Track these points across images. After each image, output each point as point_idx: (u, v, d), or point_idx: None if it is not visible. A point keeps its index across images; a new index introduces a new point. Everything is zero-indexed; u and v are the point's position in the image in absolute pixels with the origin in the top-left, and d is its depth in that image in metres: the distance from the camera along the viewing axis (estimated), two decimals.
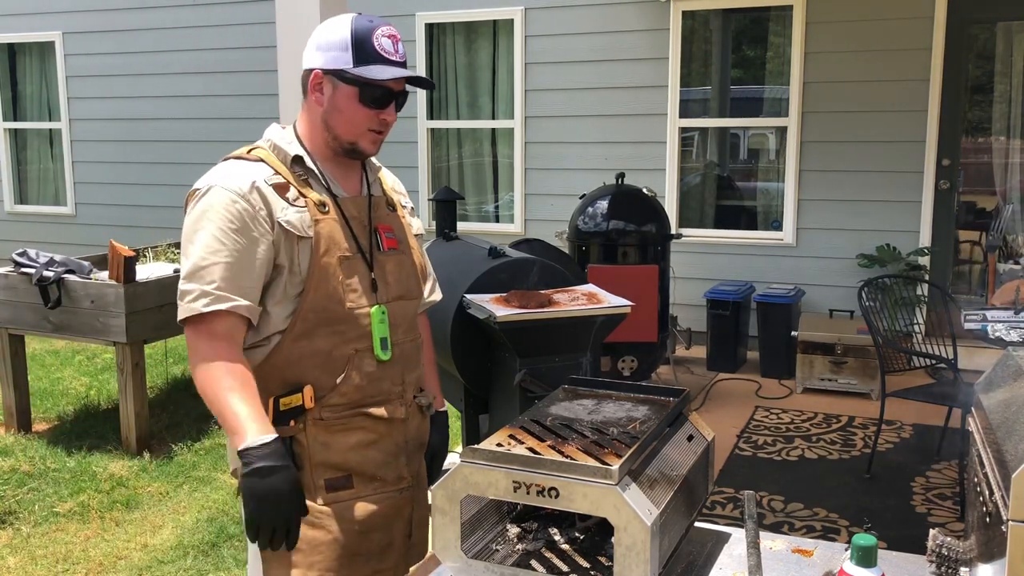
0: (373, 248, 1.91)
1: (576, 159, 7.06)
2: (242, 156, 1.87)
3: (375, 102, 1.84)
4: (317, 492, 1.83)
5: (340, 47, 1.82)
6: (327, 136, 1.87)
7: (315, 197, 1.84)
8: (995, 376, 1.62)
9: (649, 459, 1.54)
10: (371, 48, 1.82)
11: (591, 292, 3.24)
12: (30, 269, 4.85)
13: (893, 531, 3.77)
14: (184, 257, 1.79)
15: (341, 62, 1.82)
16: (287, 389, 1.82)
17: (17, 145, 9.41)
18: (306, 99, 1.89)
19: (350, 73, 1.82)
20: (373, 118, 1.85)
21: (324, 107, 1.85)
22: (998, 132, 6.35)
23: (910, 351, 4.80)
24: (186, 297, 1.75)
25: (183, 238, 1.81)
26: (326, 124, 1.86)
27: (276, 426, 1.78)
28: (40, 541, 3.82)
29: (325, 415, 1.83)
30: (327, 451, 1.84)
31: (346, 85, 1.83)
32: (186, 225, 1.80)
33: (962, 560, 1.51)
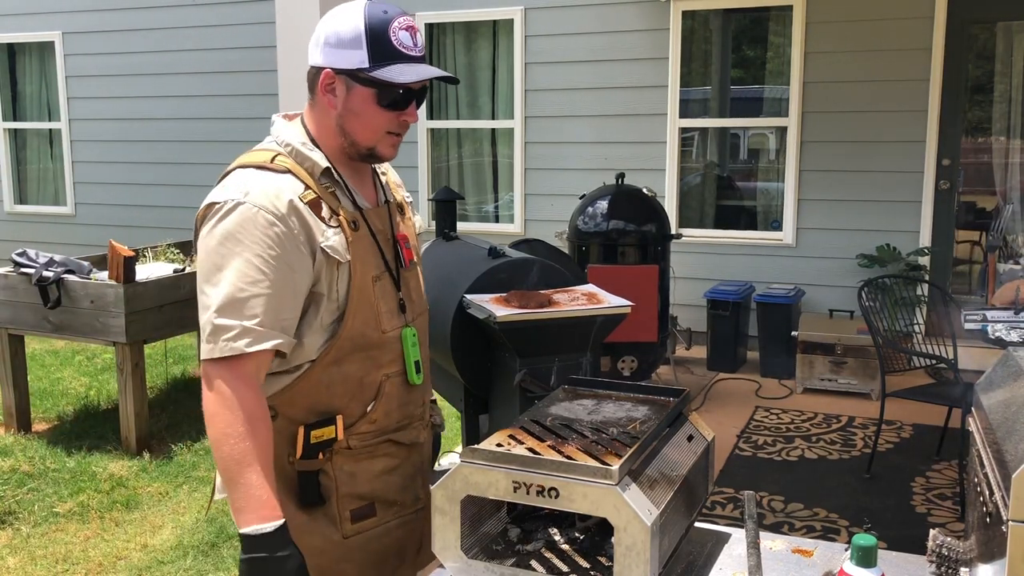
0: (397, 264, 1.78)
1: (576, 159, 7.06)
2: (265, 165, 1.65)
3: (395, 104, 1.67)
4: (342, 524, 1.72)
5: (353, 43, 1.63)
6: (343, 141, 1.70)
7: (347, 214, 1.68)
8: (995, 376, 1.62)
9: (649, 459, 1.54)
10: (388, 44, 1.63)
11: (591, 292, 3.24)
12: (30, 269, 4.85)
13: (893, 531, 3.78)
14: (209, 284, 1.58)
15: (356, 61, 1.63)
16: (315, 417, 1.68)
17: (17, 145, 9.41)
18: (314, 98, 1.71)
19: (367, 75, 1.63)
20: (393, 120, 1.68)
21: (338, 110, 1.67)
22: (998, 132, 6.35)
23: (910, 351, 4.80)
24: (224, 334, 1.54)
25: (205, 261, 1.59)
26: (341, 129, 1.69)
27: (304, 460, 1.67)
28: (40, 541, 3.82)
29: (353, 444, 1.71)
30: (353, 481, 1.73)
31: (362, 87, 1.65)
32: (209, 246, 1.58)
33: (962, 560, 1.51)
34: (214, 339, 1.55)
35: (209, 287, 1.57)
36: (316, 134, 1.72)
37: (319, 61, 1.68)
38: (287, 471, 1.68)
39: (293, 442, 1.67)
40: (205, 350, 1.56)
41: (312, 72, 1.70)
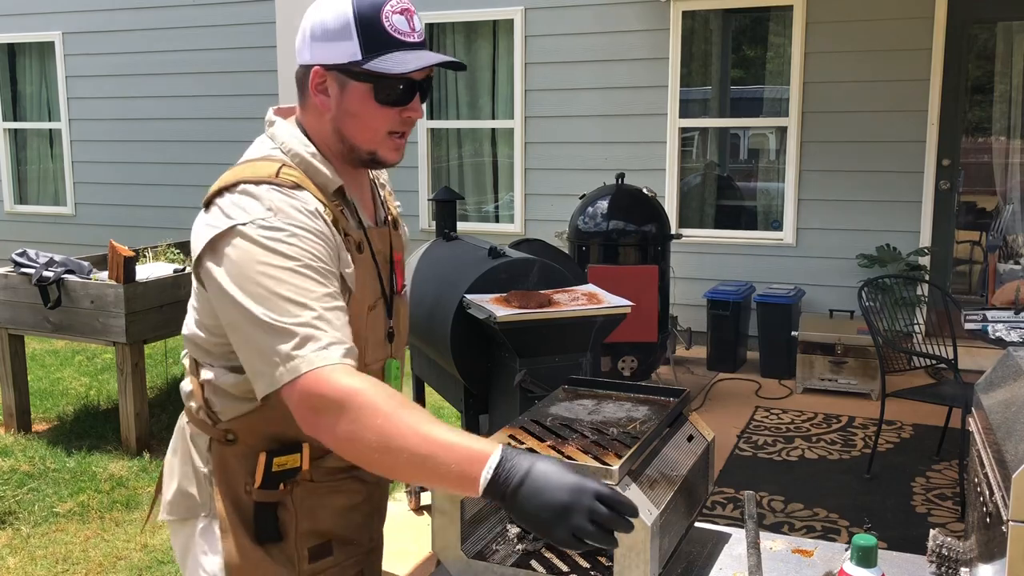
0: (391, 291, 1.62)
1: (576, 159, 7.06)
2: (271, 181, 1.43)
3: (396, 99, 1.48)
4: (299, 562, 1.55)
5: (342, 34, 1.44)
6: (342, 147, 1.51)
7: (355, 236, 1.52)
8: (995, 376, 1.61)
9: (649, 459, 1.54)
10: (382, 30, 1.44)
11: (591, 292, 3.24)
12: (30, 269, 4.85)
13: (893, 531, 3.77)
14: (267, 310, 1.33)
15: (347, 54, 1.44)
16: (279, 445, 1.51)
17: (17, 145, 9.41)
18: (305, 100, 1.52)
19: (361, 68, 1.44)
20: (394, 118, 1.49)
21: (333, 112, 1.49)
22: (998, 132, 6.35)
23: (910, 351, 4.80)
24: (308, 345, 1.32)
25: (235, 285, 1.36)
26: (339, 133, 1.50)
27: (263, 489, 1.51)
28: (40, 541, 3.82)
29: (317, 477, 1.55)
30: (313, 517, 1.56)
31: (357, 82, 1.46)
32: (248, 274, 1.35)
33: (962, 560, 1.51)
34: (293, 356, 1.31)
35: (267, 313, 1.33)
36: (314, 139, 1.53)
37: (306, 58, 1.49)
38: (243, 501, 1.52)
39: (252, 469, 1.51)
40: (285, 371, 1.31)
41: (300, 72, 1.52)
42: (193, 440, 1.58)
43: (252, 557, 1.52)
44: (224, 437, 1.53)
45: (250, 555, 1.52)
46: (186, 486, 1.58)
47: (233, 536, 1.52)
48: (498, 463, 1.21)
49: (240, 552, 1.52)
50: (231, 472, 1.53)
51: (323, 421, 1.30)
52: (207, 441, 1.55)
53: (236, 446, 1.52)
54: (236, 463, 1.53)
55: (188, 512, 1.59)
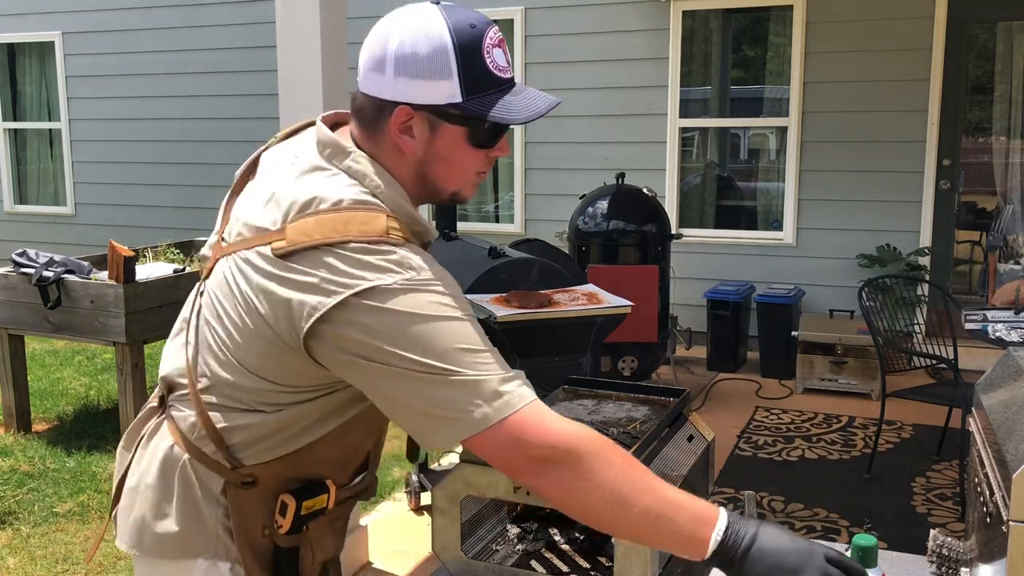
0: None
1: (576, 159, 7.06)
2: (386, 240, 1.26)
3: (490, 140, 1.35)
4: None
5: (440, 72, 1.27)
6: (422, 190, 1.37)
7: None
8: (995, 376, 1.61)
9: (649, 459, 1.54)
10: (483, 68, 1.29)
11: (591, 292, 3.24)
12: (30, 269, 4.84)
13: (893, 531, 3.77)
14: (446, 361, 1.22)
15: (444, 95, 1.28)
16: (302, 484, 1.42)
17: (17, 145, 9.41)
18: (379, 136, 1.33)
19: (460, 111, 1.29)
20: (482, 158, 1.36)
21: (419, 155, 1.33)
22: (998, 132, 6.35)
23: (910, 351, 4.80)
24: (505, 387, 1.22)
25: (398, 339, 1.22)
26: (422, 176, 1.35)
27: (291, 535, 1.41)
28: (40, 541, 3.82)
29: (330, 511, 1.48)
30: (323, 548, 1.50)
31: (451, 125, 1.31)
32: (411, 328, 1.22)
33: (962, 560, 1.51)
34: (501, 393, 1.21)
35: (448, 363, 1.22)
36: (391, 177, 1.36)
37: (387, 92, 1.30)
38: (261, 543, 1.41)
39: (271, 511, 1.40)
40: (492, 410, 1.21)
41: (372, 104, 1.32)
42: (198, 478, 1.41)
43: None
44: (242, 481, 1.39)
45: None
46: (183, 527, 1.42)
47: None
48: (727, 526, 1.17)
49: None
50: (247, 516, 1.41)
51: (547, 471, 1.21)
52: (220, 483, 1.40)
53: (255, 489, 1.40)
54: (253, 507, 1.41)
55: (183, 552, 1.44)
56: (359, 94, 1.34)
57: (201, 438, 1.39)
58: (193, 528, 1.42)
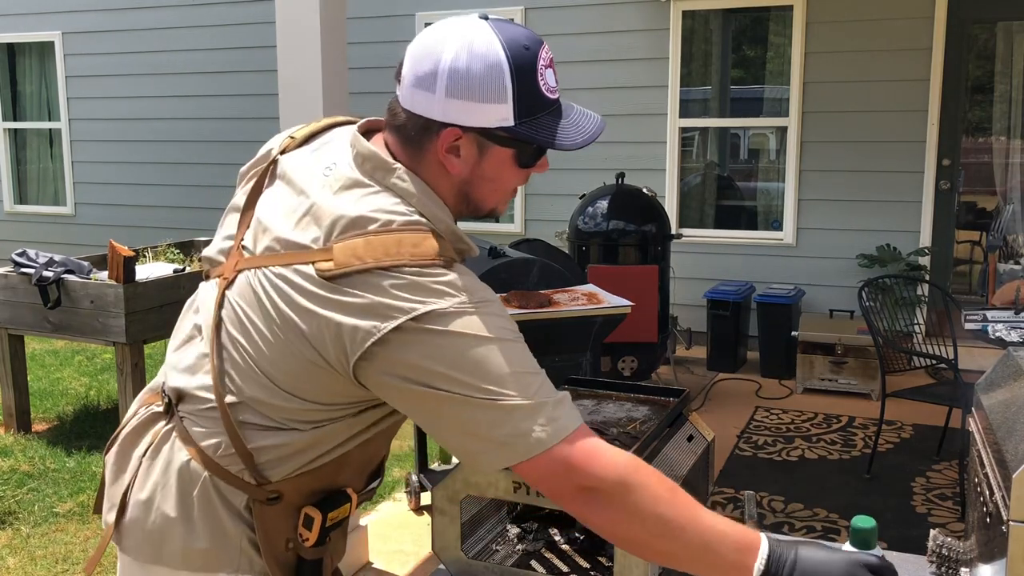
0: None
1: (576, 159, 7.04)
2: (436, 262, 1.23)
3: (534, 159, 1.33)
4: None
5: (496, 95, 1.24)
6: (463, 207, 1.35)
7: None
8: (995, 376, 1.61)
9: (649, 459, 1.54)
10: (536, 92, 1.27)
11: (591, 292, 3.24)
12: (29, 269, 4.84)
13: (893, 531, 3.77)
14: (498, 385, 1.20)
15: (496, 118, 1.25)
16: (322, 496, 1.40)
17: (17, 145, 9.41)
18: (422, 155, 1.30)
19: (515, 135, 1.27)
20: (523, 176, 1.35)
21: (465, 175, 1.30)
22: (998, 132, 6.35)
23: (910, 351, 4.80)
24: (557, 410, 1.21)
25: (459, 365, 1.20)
26: (465, 196, 1.33)
27: (316, 548, 1.40)
28: (40, 541, 3.82)
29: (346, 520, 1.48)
30: (338, 553, 1.51)
31: (500, 147, 1.28)
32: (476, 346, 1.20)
33: (962, 560, 1.51)
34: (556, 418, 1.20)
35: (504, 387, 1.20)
36: None
37: (436, 112, 1.26)
38: (285, 557, 1.40)
39: (295, 525, 1.39)
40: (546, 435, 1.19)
41: (417, 122, 1.28)
42: (222, 495, 1.37)
43: None
44: (267, 497, 1.36)
45: None
46: (208, 544, 1.38)
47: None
48: (768, 554, 1.17)
49: None
50: (271, 531, 1.38)
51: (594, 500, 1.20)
52: (244, 499, 1.37)
53: (279, 504, 1.38)
54: (278, 521, 1.39)
55: (208, 568, 1.40)
56: (401, 110, 1.29)
57: (227, 456, 1.35)
58: (217, 543, 1.38)
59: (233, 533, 1.38)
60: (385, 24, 7.49)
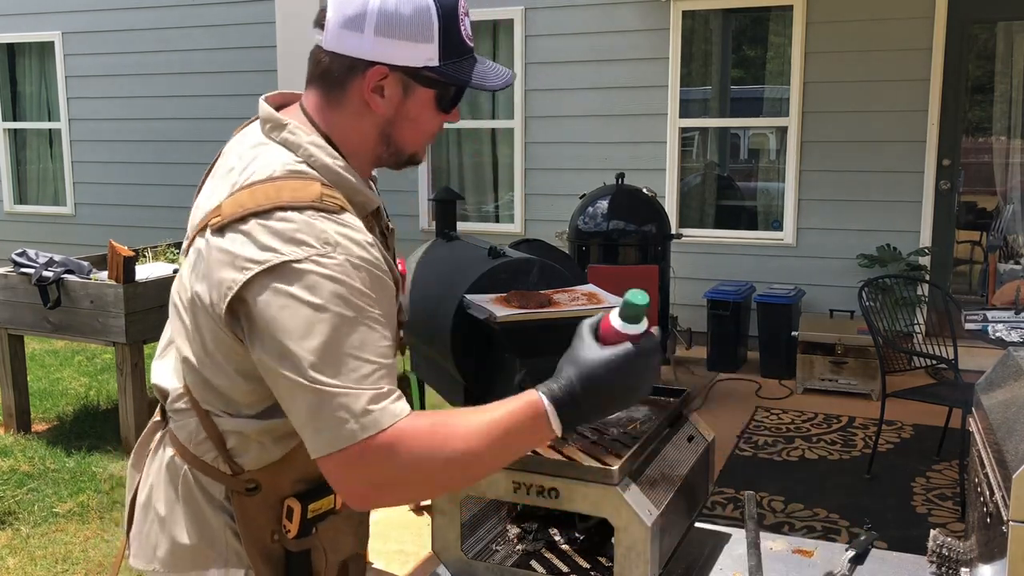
0: (398, 283, 1.43)
1: (576, 159, 7.06)
2: (317, 204, 1.23)
3: (452, 105, 1.37)
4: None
5: (423, 34, 1.27)
6: (382, 150, 1.38)
7: (388, 251, 1.41)
8: (995, 376, 1.61)
9: (649, 460, 1.54)
10: (458, 35, 1.30)
11: (591, 292, 3.24)
12: (29, 269, 4.84)
13: (893, 531, 3.77)
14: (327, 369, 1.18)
15: (424, 57, 1.29)
16: (304, 486, 1.38)
17: (16, 145, 9.41)
18: (342, 96, 1.32)
19: (436, 74, 1.31)
20: (441, 122, 1.39)
21: (388, 115, 1.33)
22: (998, 132, 6.35)
23: (910, 351, 4.80)
24: (388, 399, 1.19)
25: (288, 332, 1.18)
26: (386, 136, 1.36)
27: (299, 539, 1.37)
28: (40, 542, 3.82)
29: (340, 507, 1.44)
30: (337, 547, 1.46)
31: (424, 87, 1.32)
32: (307, 314, 1.18)
33: (962, 560, 1.51)
34: (369, 411, 1.18)
35: (325, 375, 1.18)
36: (339, 141, 1.34)
37: (361, 51, 1.28)
38: (272, 549, 1.38)
39: (278, 515, 1.37)
40: (359, 427, 1.17)
41: (342, 64, 1.30)
42: (202, 487, 1.39)
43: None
44: (245, 487, 1.36)
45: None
46: (193, 539, 1.40)
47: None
48: (552, 399, 1.21)
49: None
50: (254, 523, 1.38)
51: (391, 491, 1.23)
52: (223, 490, 1.38)
53: (258, 495, 1.37)
54: (260, 513, 1.38)
55: (195, 565, 1.41)
56: (325, 55, 1.31)
57: (200, 444, 1.36)
58: (202, 538, 1.39)
59: (216, 525, 1.38)
60: None
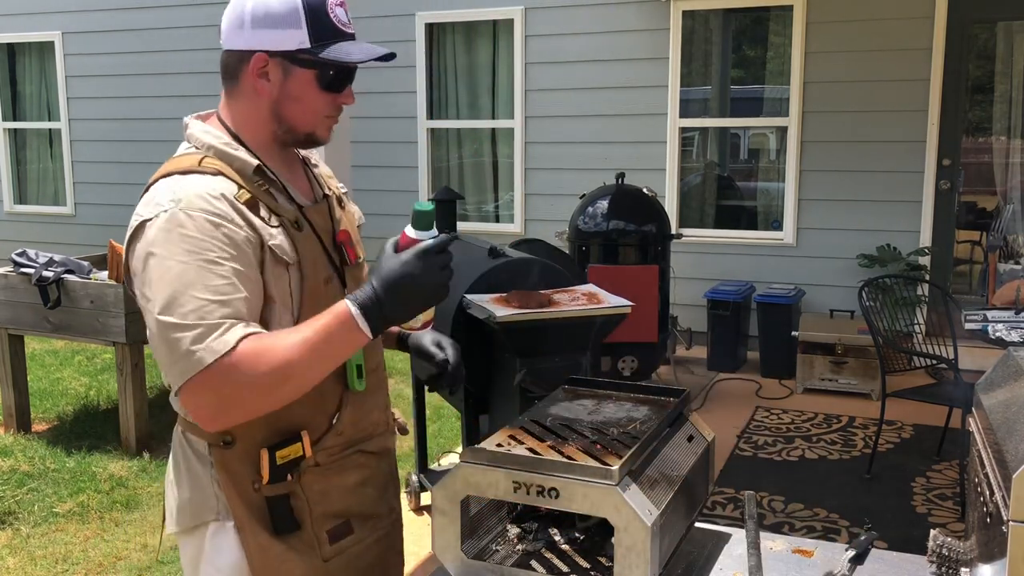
0: (343, 263, 1.64)
1: (576, 159, 7.06)
2: (192, 169, 1.51)
3: (336, 85, 1.56)
4: (321, 547, 1.59)
5: (290, 22, 1.51)
6: (276, 128, 1.58)
7: (288, 214, 1.55)
8: (995, 376, 1.61)
9: (649, 459, 1.54)
10: (328, 21, 1.52)
11: (591, 292, 3.24)
12: (29, 269, 4.84)
13: (893, 531, 3.77)
14: (168, 311, 1.38)
15: (295, 42, 1.51)
16: (279, 438, 1.53)
17: (17, 145, 9.41)
18: (237, 86, 1.59)
19: (308, 55, 1.51)
20: (331, 103, 1.57)
21: (274, 96, 1.55)
22: (998, 132, 6.35)
23: (910, 351, 4.80)
24: (212, 335, 1.36)
25: (144, 283, 1.43)
26: (277, 116, 1.56)
27: (271, 484, 1.53)
28: (40, 541, 3.82)
29: (321, 460, 1.59)
30: (327, 500, 1.60)
31: (302, 69, 1.53)
32: (153, 265, 1.41)
33: (962, 560, 1.51)
34: (194, 351, 1.36)
35: (172, 315, 1.38)
36: (239, 127, 1.59)
37: (244, 43, 1.55)
38: (254, 499, 1.54)
39: (257, 467, 1.53)
40: (187, 367, 1.37)
41: (233, 57, 1.58)
42: (191, 445, 1.59)
43: (273, 552, 1.55)
44: (221, 440, 1.53)
45: (271, 551, 1.55)
46: (190, 493, 1.58)
47: (251, 535, 1.54)
48: (358, 305, 1.41)
49: (260, 551, 1.54)
50: (235, 474, 1.54)
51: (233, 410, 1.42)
52: (206, 445, 1.56)
53: (235, 447, 1.53)
54: (239, 465, 1.54)
55: (196, 518, 1.59)
56: (223, 54, 1.60)
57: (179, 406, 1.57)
58: (195, 491, 1.57)
59: (203, 477, 1.57)
60: (385, 24, 7.49)
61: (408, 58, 7.49)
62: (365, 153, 7.14)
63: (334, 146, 1.99)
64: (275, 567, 1.55)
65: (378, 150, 7.54)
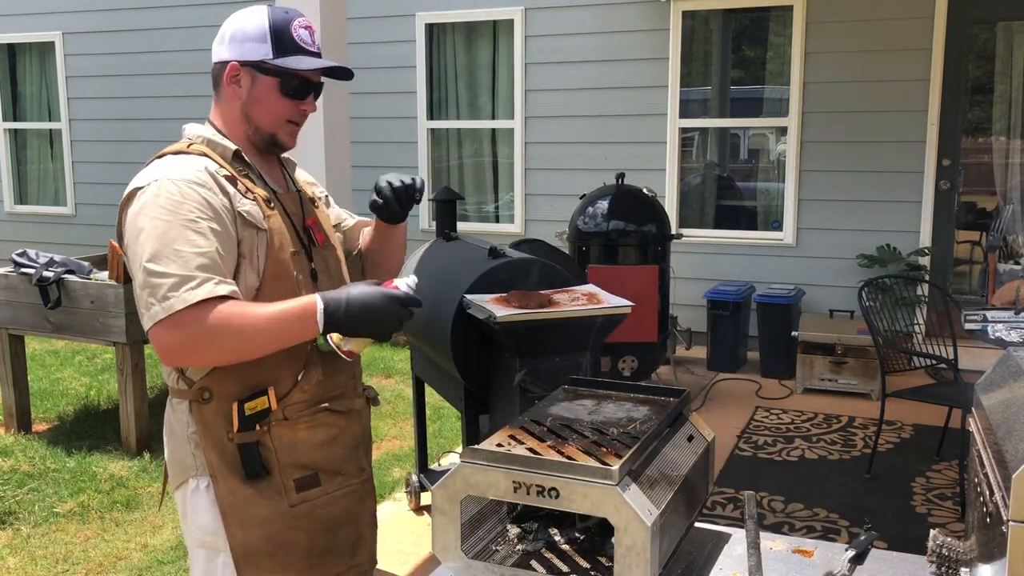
0: (309, 244, 1.90)
1: (576, 159, 7.06)
2: (180, 151, 1.82)
3: (295, 93, 1.84)
4: (287, 493, 1.81)
5: (258, 38, 1.82)
6: (247, 128, 1.87)
7: (261, 192, 1.82)
8: (995, 376, 1.61)
9: (649, 459, 1.54)
10: (290, 39, 1.83)
11: (591, 292, 3.24)
12: (30, 269, 4.85)
13: (893, 531, 3.77)
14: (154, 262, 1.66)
15: (260, 53, 1.82)
16: (248, 392, 1.78)
17: (17, 145, 9.41)
18: (219, 92, 1.88)
19: (270, 64, 1.81)
20: (293, 109, 1.86)
21: (243, 99, 1.84)
22: (998, 132, 6.35)
23: (910, 351, 4.80)
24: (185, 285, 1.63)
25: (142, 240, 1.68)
26: (246, 116, 1.85)
27: (241, 432, 1.77)
28: (40, 541, 3.82)
29: (288, 414, 1.81)
30: (294, 451, 1.82)
31: (266, 76, 1.83)
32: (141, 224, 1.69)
33: (962, 560, 1.51)
34: (172, 293, 1.63)
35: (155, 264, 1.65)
36: (223, 126, 1.88)
37: (224, 56, 1.85)
38: (228, 447, 1.78)
39: (230, 419, 1.77)
40: (159, 310, 1.63)
41: (217, 68, 1.87)
42: (175, 408, 1.84)
43: (242, 495, 1.78)
44: (200, 396, 1.78)
45: (239, 494, 1.78)
46: (175, 451, 1.85)
47: (223, 481, 1.77)
48: (324, 303, 1.68)
49: (231, 493, 1.77)
50: (212, 426, 1.78)
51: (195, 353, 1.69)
52: (187, 405, 1.80)
53: (212, 403, 1.78)
54: (215, 418, 1.78)
55: (182, 475, 1.84)
56: (212, 65, 1.88)
57: (169, 373, 1.83)
58: (177, 447, 1.84)
59: (180, 436, 1.82)
60: (385, 24, 7.50)
61: (408, 58, 7.49)
62: (365, 153, 7.14)
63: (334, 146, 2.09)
64: (242, 508, 1.77)
65: (378, 150, 7.54)
